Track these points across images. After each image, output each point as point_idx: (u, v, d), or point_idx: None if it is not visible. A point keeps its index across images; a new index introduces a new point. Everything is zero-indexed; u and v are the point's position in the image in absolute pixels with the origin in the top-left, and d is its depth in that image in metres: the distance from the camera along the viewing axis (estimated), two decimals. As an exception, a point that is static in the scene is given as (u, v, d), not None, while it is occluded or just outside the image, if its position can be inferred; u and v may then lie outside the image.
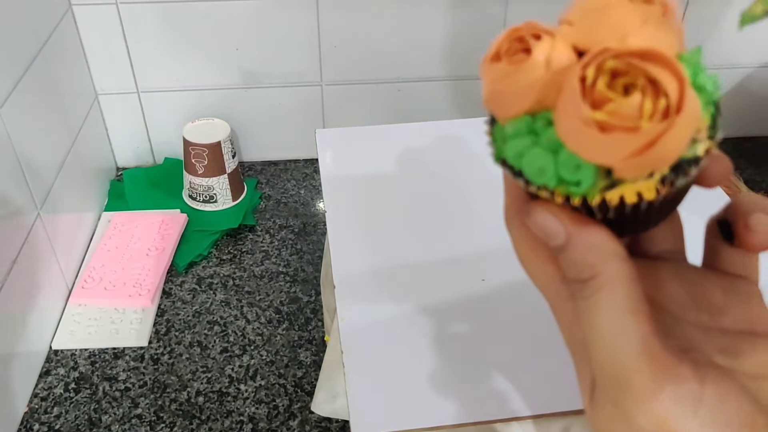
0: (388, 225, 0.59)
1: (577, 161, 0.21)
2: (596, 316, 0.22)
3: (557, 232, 0.23)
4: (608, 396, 0.23)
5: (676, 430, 0.21)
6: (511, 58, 0.22)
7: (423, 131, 0.70)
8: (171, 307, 0.84)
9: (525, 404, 0.45)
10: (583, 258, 0.22)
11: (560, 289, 0.25)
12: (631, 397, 0.22)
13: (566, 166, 0.21)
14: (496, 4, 0.97)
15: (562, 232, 0.23)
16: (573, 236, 0.22)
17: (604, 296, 0.22)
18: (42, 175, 0.79)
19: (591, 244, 0.22)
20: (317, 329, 0.81)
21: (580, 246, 0.22)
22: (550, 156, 0.21)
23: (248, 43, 0.98)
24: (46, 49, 0.83)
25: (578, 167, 0.21)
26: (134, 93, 1.01)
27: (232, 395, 0.73)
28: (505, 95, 0.22)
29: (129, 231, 0.92)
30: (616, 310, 0.22)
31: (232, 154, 0.97)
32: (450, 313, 0.51)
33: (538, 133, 0.22)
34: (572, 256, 0.23)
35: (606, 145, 0.19)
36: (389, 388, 0.45)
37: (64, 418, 0.71)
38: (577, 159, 0.21)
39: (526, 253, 0.26)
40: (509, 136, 0.22)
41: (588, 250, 0.22)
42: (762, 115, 1.13)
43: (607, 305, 0.22)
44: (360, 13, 0.96)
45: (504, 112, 0.22)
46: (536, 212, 0.23)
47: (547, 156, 0.21)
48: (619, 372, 0.22)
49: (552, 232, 0.23)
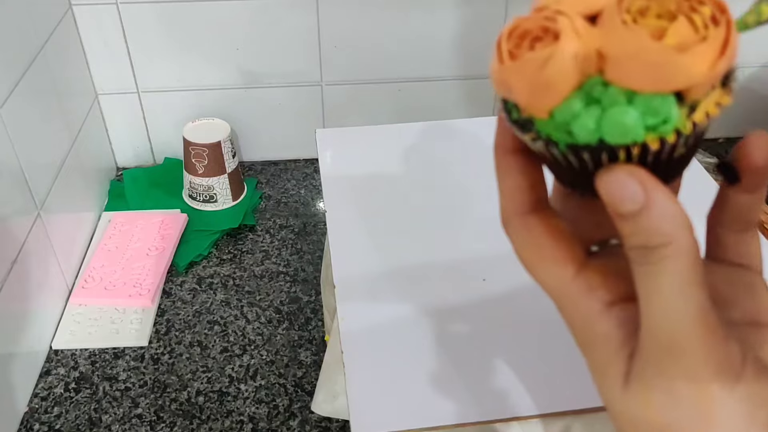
0: (388, 225, 0.58)
1: (658, 101, 0.21)
2: (660, 280, 0.22)
3: (636, 197, 0.21)
4: (655, 364, 0.23)
5: (716, 398, 0.22)
6: (539, 44, 0.22)
7: (423, 131, 0.70)
8: (171, 306, 0.84)
9: (525, 404, 0.45)
10: (659, 225, 0.21)
11: (570, 287, 0.25)
12: (681, 360, 0.22)
13: (647, 111, 0.21)
14: (496, 4, 0.97)
15: (641, 197, 0.21)
16: (652, 201, 0.21)
17: (672, 264, 0.22)
18: (42, 175, 0.79)
19: (669, 211, 0.22)
20: (317, 329, 0.81)
21: (658, 212, 0.21)
22: (631, 108, 0.21)
23: (248, 43, 0.98)
24: (46, 48, 0.83)
25: (660, 104, 0.21)
26: (134, 93, 1.01)
27: (233, 395, 0.73)
28: (550, 81, 0.21)
29: (129, 231, 0.92)
30: (682, 278, 0.22)
31: (232, 153, 0.97)
32: (450, 313, 0.50)
33: (600, 99, 0.21)
34: (647, 222, 0.22)
35: (688, 64, 0.20)
36: (389, 388, 0.45)
37: (65, 418, 0.71)
38: (654, 99, 0.21)
39: (530, 256, 0.26)
40: (571, 117, 0.22)
41: (665, 217, 0.21)
42: (764, 115, 1.13)
43: (674, 273, 0.22)
44: (360, 12, 0.96)
45: (551, 100, 0.22)
46: (616, 174, 0.22)
47: (627, 110, 0.21)
48: (676, 334, 0.22)
49: (629, 197, 0.22)
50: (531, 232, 0.26)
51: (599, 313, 0.24)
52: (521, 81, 0.22)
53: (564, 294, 0.25)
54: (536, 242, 0.25)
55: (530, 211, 0.26)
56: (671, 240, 0.21)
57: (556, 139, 0.23)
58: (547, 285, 0.26)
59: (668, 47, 0.20)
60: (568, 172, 0.24)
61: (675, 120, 0.21)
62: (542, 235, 0.25)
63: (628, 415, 0.24)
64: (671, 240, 0.21)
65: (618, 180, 0.22)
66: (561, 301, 0.25)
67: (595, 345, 0.25)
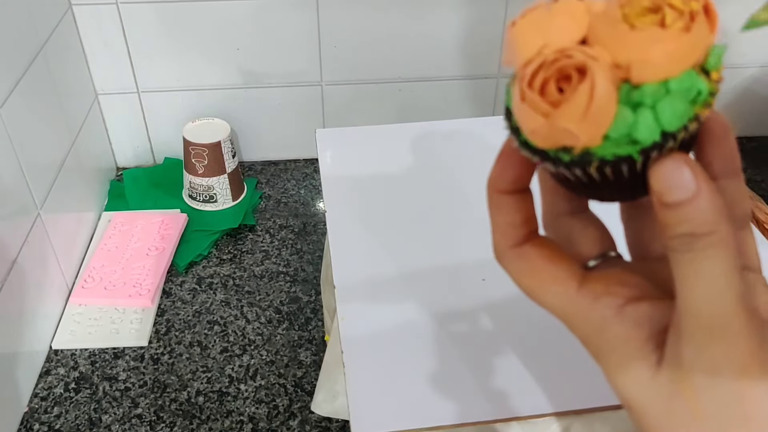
0: (388, 225, 0.58)
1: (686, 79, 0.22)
2: (704, 265, 0.23)
3: (688, 185, 0.22)
4: (695, 343, 0.23)
5: (755, 376, 0.23)
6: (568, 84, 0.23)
7: (423, 131, 0.70)
8: (171, 306, 0.84)
9: (525, 404, 0.45)
10: (706, 214, 0.22)
11: (577, 302, 0.26)
12: (722, 343, 0.23)
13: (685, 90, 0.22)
14: (496, 4, 0.97)
15: (693, 185, 0.22)
16: (702, 191, 0.22)
17: (716, 251, 0.22)
18: (42, 175, 0.79)
19: (715, 201, 0.22)
20: (317, 329, 0.81)
21: (707, 201, 0.22)
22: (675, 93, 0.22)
23: (248, 42, 0.98)
24: (46, 48, 0.83)
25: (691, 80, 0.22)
26: (134, 93, 1.01)
27: (232, 395, 0.73)
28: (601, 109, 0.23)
29: (129, 231, 0.92)
30: (726, 264, 0.22)
31: (232, 153, 0.97)
32: (450, 313, 0.50)
33: (642, 101, 0.23)
34: (695, 211, 0.22)
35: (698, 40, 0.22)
36: (389, 388, 0.45)
37: (64, 418, 0.71)
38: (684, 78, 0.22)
39: (531, 282, 0.27)
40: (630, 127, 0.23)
41: (713, 207, 0.22)
42: (765, 116, 1.13)
43: (719, 259, 0.22)
44: (360, 12, 0.96)
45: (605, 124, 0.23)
46: (674, 162, 0.23)
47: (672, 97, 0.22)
48: (717, 317, 0.23)
49: (683, 185, 0.22)
50: (527, 259, 0.27)
51: (612, 317, 0.25)
52: (574, 122, 0.23)
53: (571, 309, 0.26)
54: (534, 268, 0.26)
55: (524, 242, 0.27)
56: (717, 229, 0.22)
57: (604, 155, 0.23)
58: (553, 306, 0.26)
59: (678, 30, 0.22)
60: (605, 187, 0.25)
61: (705, 87, 0.23)
62: (539, 260, 0.27)
63: (662, 399, 0.24)
64: (717, 229, 0.22)
65: (674, 168, 0.23)
66: (570, 316, 0.26)
67: (613, 348, 0.25)
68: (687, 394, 0.24)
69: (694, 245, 0.23)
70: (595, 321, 0.25)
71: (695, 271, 0.23)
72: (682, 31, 0.22)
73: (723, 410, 0.23)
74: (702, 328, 0.23)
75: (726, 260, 0.22)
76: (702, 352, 0.23)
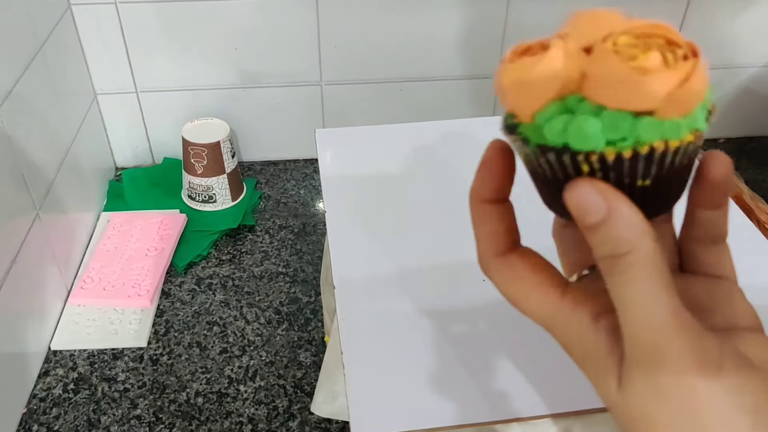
0: (388, 225, 0.58)
1: (620, 118, 0.23)
2: (631, 289, 0.23)
3: (598, 208, 0.23)
4: (640, 368, 0.24)
5: (702, 393, 0.23)
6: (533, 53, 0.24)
7: (424, 131, 0.70)
8: (170, 307, 0.84)
9: (526, 405, 0.44)
10: (621, 233, 0.23)
11: (560, 307, 0.26)
12: (664, 362, 0.23)
13: (610, 126, 0.23)
14: (496, 4, 0.97)
15: (603, 207, 0.23)
16: (613, 211, 0.23)
17: (640, 270, 0.23)
18: (41, 175, 0.79)
19: (630, 219, 0.23)
20: (317, 330, 0.81)
21: (620, 221, 0.23)
22: (595, 119, 0.23)
23: (248, 42, 0.98)
24: (45, 48, 0.82)
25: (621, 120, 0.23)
26: (133, 93, 1.01)
27: (232, 396, 0.73)
28: (533, 84, 0.24)
29: (128, 231, 0.92)
30: (651, 283, 0.23)
31: (231, 154, 0.97)
32: (450, 313, 0.50)
33: (574, 110, 0.23)
34: (611, 231, 0.23)
35: (649, 87, 0.22)
36: (389, 388, 0.45)
37: (63, 419, 0.71)
38: (619, 116, 0.23)
39: (515, 290, 0.27)
40: (546, 119, 0.24)
41: (627, 226, 0.23)
42: (765, 116, 1.13)
43: (643, 278, 0.23)
44: (360, 12, 0.96)
45: (533, 103, 0.24)
46: (580, 186, 0.24)
47: (590, 119, 0.23)
48: (654, 339, 0.23)
49: (592, 208, 0.23)
50: (512, 268, 0.28)
51: (588, 325, 0.26)
52: (510, 82, 0.24)
53: (554, 316, 0.27)
54: (519, 276, 0.27)
55: (508, 252, 0.28)
56: (635, 247, 0.23)
57: (529, 138, 0.25)
58: (536, 314, 0.27)
59: (632, 67, 0.22)
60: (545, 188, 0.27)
61: (633, 139, 0.23)
62: (523, 269, 0.27)
63: (629, 418, 0.25)
64: (635, 247, 0.23)
65: (581, 191, 0.24)
66: (552, 323, 0.27)
67: (590, 356, 0.26)
68: (645, 414, 0.24)
69: (618, 266, 0.23)
70: (574, 328, 0.26)
71: (625, 296, 0.23)
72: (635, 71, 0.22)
73: (678, 423, 0.24)
74: (643, 351, 0.24)
75: (651, 278, 0.23)
76: (649, 374, 0.24)
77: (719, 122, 1.13)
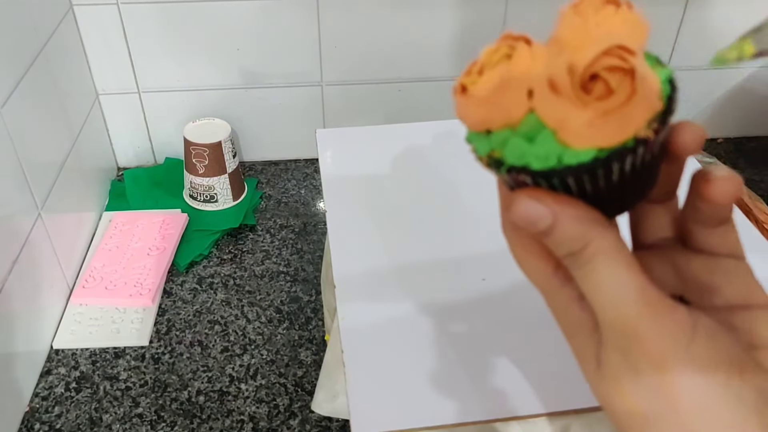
0: (388, 225, 0.59)
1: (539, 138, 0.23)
2: (595, 278, 0.24)
3: (543, 215, 0.24)
4: (616, 350, 0.24)
5: (672, 367, 0.23)
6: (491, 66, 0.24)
7: (423, 131, 0.70)
8: (172, 306, 0.84)
9: (525, 404, 0.45)
10: (572, 232, 0.24)
11: (552, 280, 0.27)
12: (636, 343, 0.24)
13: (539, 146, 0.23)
14: (496, 4, 0.97)
15: (547, 213, 0.24)
16: (558, 214, 0.24)
17: (599, 259, 0.24)
18: (43, 175, 0.80)
19: (576, 217, 0.24)
20: (317, 329, 0.81)
21: (566, 222, 0.24)
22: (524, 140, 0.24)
23: (249, 43, 0.98)
24: (47, 49, 0.83)
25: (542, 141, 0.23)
26: (135, 93, 1.01)
27: (233, 394, 0.73)
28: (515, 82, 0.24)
29: (130, 231, 0.92)
30: (612, 268, 0.24)
31: (232, 153, 0.97)
32: (450, 312, 0.51)
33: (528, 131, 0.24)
34: (561, 233, 0.24)
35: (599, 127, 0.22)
36: (389, 387, 0.45)
37: (65, 418, 0.71)
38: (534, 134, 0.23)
39: (519, 253, 0.28)
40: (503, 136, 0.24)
41: (575, 223, 0.24)
42: (763, 115, 1.13)
43: (603, 266, 0.24)
44: (360, 13, 0.96)
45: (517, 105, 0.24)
46: (519, 201, 0.24)
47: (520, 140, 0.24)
48: (624, 322, 0.24)
49: (538, 217, 0.24)
50: (517, 233, 0.28)
51: (574, 302, 0.27)
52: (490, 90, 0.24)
53: (547, 287, 0.27)
54: (522, 243, 0.28)
55: None
56: (590, 239, 0.24)
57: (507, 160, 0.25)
58: (533, 279, 0.28)
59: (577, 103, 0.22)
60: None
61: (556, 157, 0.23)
62: (527, 237, 0.28)
63: (606, 398, 0.26)
64: (590, 239, 0.24)
65: (523, 205, 0.24)
66: (545, 293, 0.28)
67: (573, 331, 0.27)
68: (619, 391, 0.25)
69: (578, 261, 0.24)
70: (562, 303, 0.27)
71: (591, 285, 0.24)
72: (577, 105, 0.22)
73: (653, 407, 0.24)
74: (617, 336, 0.24)
75: (611, 264, 0.24)
76: (624, 357, 0.24)
77: (718, 122, 1.13)
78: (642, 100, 0.22)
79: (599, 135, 0.22)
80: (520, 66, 0.23)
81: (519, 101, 0.23)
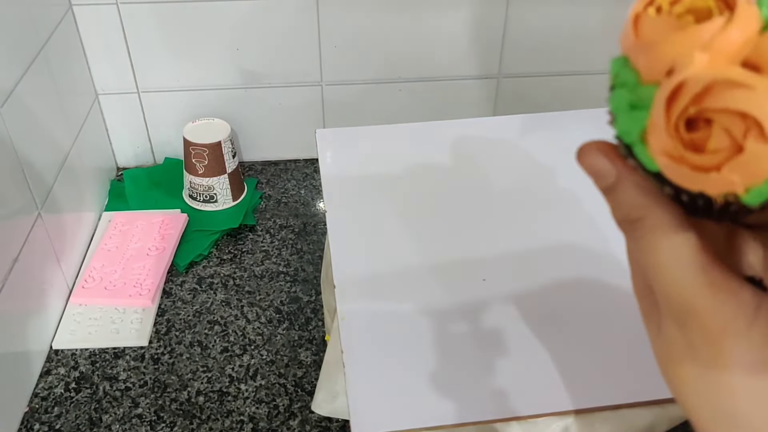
0: (389, 225, 0.59)
1: None
2: (653, 252, 0.24)
3: (608, 172, 0.24)
4: (674, 323, 0.25)
5: (730, 346, 0.23)
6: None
7: (424, 131, 0.70)
8: (171, 306, 0.84)
9: (525, 404, 0.45)
10: (633, 198, 0.24)
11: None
12: (694, 319, 0.23)
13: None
14: (496, 4, 0.97)
15: (612, 172, 0.24)
16: (622, 176, 0.24)
17: (658, 234, 0.23)
18: (42, 175, 0.79)
19: (640, 185, 0.24)
20: (317, 329, 0.81)
21: (629, 186, 0.24)
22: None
23: (249, 43, 0.98)
24: (46, 49, 0.83)
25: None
26: (134, 93, 1.01)
27: (233, 395, 0.73)
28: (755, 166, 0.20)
29: (129, 231, 0.92)
30: (673, 244, 0.23)
31: (232, 154, 0.97)
32: (450, 312, 0.51)
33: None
34: (621, 196, 0.24)
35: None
36: (389, 387, 0.45)
37: (65, 418, 0.71)
38: None
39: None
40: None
41: (637, 190, 0.24)
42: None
43: (661, 241, 0.23)
44: (360, 12, 0.96)
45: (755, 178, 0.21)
46: (588, 151, 0.24)
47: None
48: (684, 299, 0.23)
49: (603, 172, 0.24)
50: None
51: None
52: (732, 175, 0.20)
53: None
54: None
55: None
56: (646, 213, 0.24)
57: None
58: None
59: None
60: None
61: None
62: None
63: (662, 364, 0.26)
64: (646, 213, 0.24)
65: (591, 156, 0.24)
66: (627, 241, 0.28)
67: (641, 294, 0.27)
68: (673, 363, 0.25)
69: (636, 232, 0.24)
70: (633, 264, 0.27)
71: (649, 258, 0.24)
72: None
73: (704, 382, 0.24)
74: (675, 308, 0.24)
75: (670, 240, 0.23)
76: (682, 330, 0.24)
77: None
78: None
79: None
80: (747, 28, 0.18)
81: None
